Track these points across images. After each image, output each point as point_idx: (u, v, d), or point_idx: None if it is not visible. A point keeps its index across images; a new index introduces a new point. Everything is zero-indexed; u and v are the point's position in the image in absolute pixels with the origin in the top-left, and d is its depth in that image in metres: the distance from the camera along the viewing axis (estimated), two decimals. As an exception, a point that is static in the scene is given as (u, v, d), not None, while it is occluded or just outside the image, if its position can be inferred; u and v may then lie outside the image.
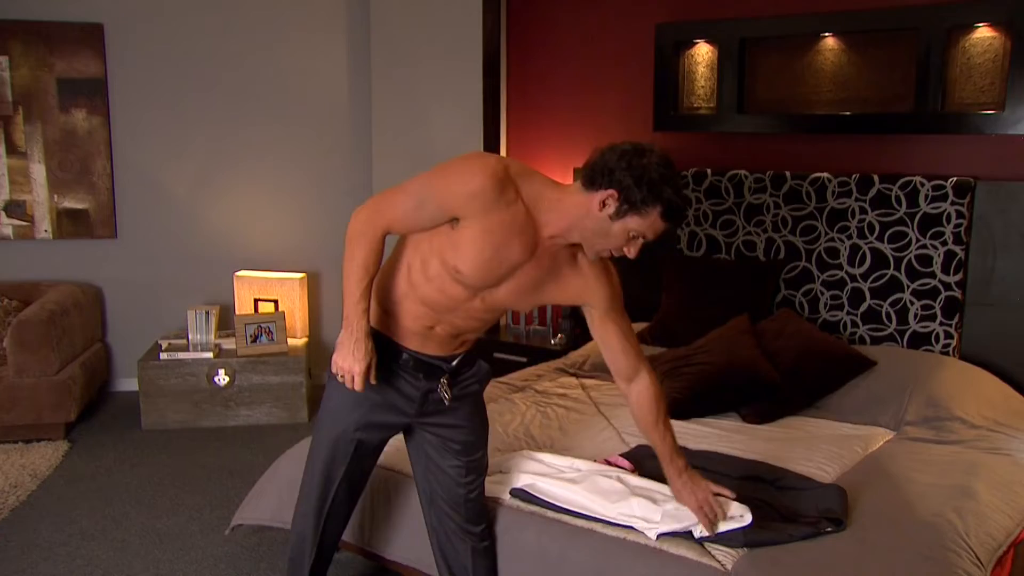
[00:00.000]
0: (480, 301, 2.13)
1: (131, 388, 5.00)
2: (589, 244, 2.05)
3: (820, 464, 2.83)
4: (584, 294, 2.19)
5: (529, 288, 2.12)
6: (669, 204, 1.95)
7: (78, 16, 4.86)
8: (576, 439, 3.06)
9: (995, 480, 2.71)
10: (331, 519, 2.34)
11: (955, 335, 3.54)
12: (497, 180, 1.96)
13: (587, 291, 2.19)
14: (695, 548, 2.25)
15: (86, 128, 4.95)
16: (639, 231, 1.99)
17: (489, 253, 2.01)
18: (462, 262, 2.03)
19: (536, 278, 2.11)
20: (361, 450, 2.27)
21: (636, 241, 2.02)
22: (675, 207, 1.96)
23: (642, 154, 1.96)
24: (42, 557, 3.19)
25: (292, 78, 5.09)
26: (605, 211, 1.97)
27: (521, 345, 4.48)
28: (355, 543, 2.76)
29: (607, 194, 1.96)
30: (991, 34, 3.45)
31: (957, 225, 3.49)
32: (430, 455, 2.33)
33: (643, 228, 1.98)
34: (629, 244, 2.02)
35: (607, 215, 1.98)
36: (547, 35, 4.70)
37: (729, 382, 3.35)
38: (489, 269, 2.04)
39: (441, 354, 2.20)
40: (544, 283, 2.13)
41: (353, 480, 2.32)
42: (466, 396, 2.30)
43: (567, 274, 2.15)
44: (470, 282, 2.07)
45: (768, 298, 3.89)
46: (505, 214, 1.99)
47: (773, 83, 3.98)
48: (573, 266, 2.16)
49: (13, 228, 4.95)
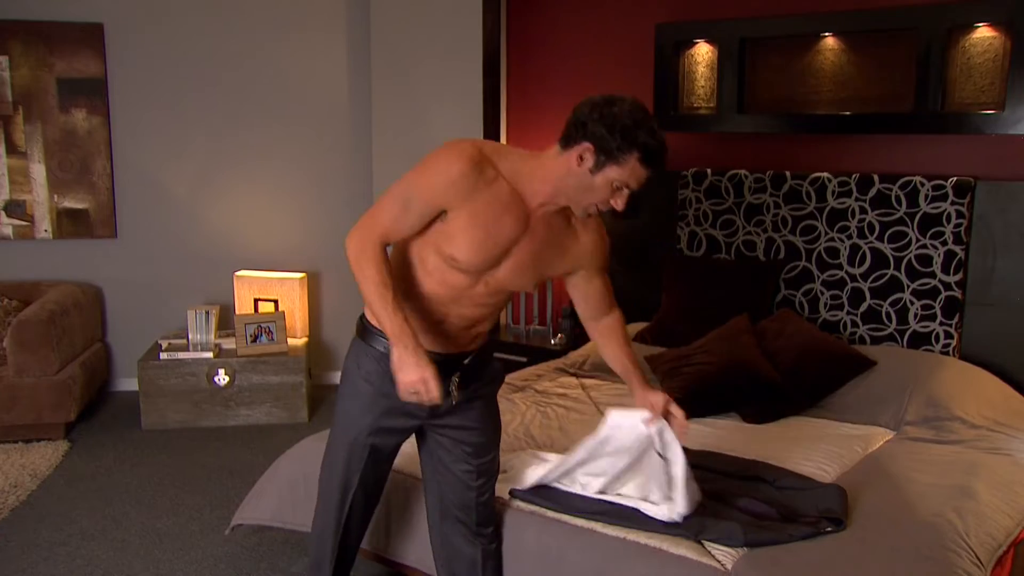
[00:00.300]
0: (483, 286, 2.10)
1: (131, 388, 5.00)
2: (576, 203, 2.04)
3: (820, 464, 2.83)
4: (581, 259, 2.20)
5: (529, 263, 2.10)
6: (645, 148, 1.94)
7: (78, 16, 4.86)
8: (576, 439, 3.05)
9: (995, 480, 2.71)
10: (350, 525, 2.32)
11: (955, 335, 3.54)
12: (473, 162, 1.96)
13: (584, 256, 2.20)
14: (695, 548, 2.25)
15: (86, 128, 4.95)
16: (622, 180, 1.97)
17: (482, 235, 2.00)
18: (457, 250, 2.02)
19: (534, 251, 2.10)
20: (375, 455, 2.25)
21: (621, 192, 2.00)
22: (652, 150, 1.95)
23: (612, 103, 1.96)
24: (42, 557, 3.19)
25: (292, 78, 5.09)
26: (584, 166, 1.97)
27: (521, 345, 4.48)
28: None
29: (583, 148, 1.96)
30: (991, 34, 3.45)
31: (957, 225, 3.49)
32: (441, 458, 2.30)
33: (625, 177, 1.97)
34: (615, 196, 2.01)
35: (587, 170, 1.97)
36: (547, 35, 4.70)
37: (729, 382, 3.35)
38: (485, 251, 2.03)
39: (454, 351, 2.17)
40: (543, 255, 2.12)
41: (369, 485, 2.30)
42: (479, 397, 2.27)
43: (564, 242, 2.15)
44: (469, 267, 2.05)
45: (768, 298, 3.89)
46: (488, 194, 1.99)
47: (773, 83, 3.98)
48: (569, 232, 2.15)
49: (13, 228, 4.95)
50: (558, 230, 2.12)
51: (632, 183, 1.98)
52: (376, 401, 2.18)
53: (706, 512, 2.40)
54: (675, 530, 2.30)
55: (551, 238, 2.11)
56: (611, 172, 1.96)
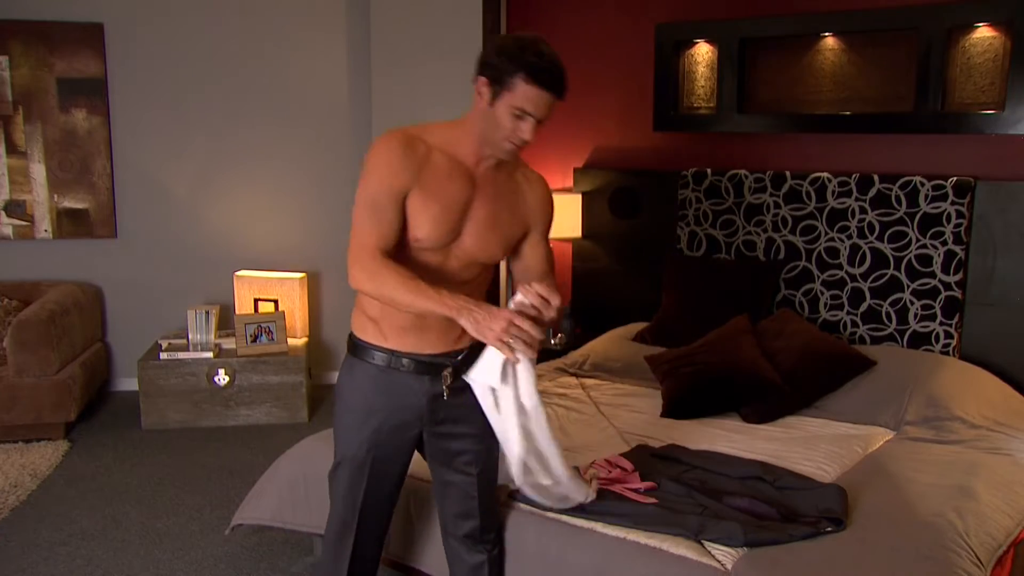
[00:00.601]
0: (455, 260, 2.12)
1: (131, 388, 5.00)
2: (492, 144, 2.05)
3: (820, 464, 2.83)
4: (530, 215, 2.20)
5: (488, 225, 2.12)
6: (531, 66, 1.93)
7: (78, 16, 4.86)
8: (576, 439, 3.06)
9: (995, 480, 2.71)
10: (361, 539, 2.25)
11: (955, 335, 3.54)
12: (404, 142, 2.03)
13: (532, 212, 2.20)
14: (695, 548, 2.25)
15: (86, 128, 4.95)
16: (519, 106, 1.96)
17: (436, 208, 2.04)
18: (418, 229, 2.05)
19: (490, 212, 2.12)
20: (378, 471, 2.20)
21: (524, 120, 1.98)
22: (538, 67, 1.94)
23: (505, 37, 2.01)
24: (42, 557, 3.19)
25: (292, 78, 5.09)
26: (484, 101, 1.99)
27: (521, 345, 4.48)
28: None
29: (479, 83, 1.99)
30: (991, 34, 3.45)
31: (957, 225, 3.49)
32: (441, 468, 2.27)
33: (519, 101, 1.95)
34: (518, 126, 1.99)
35: (487, 104, 1.99)
36: (547, 35, 4.64)
37: (729, 382, 3.35)
38: (444, 221, 2.06)
39: (443, 350, 2.16)
40: (498, 215, 2.13)
41: (377, 500, 2.24)
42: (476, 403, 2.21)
43: (512, 198, 2.17)
44: (434, 243, 2.07)
45: (768, 298, 3.89)
46: (428, 168, 2.04)
47: (773, 83, 3.98)
48: (514, 187, 2.18)
49: (13, 228, 4.95)
50: (505, 186, 2.16)
51: (528, 107, 1.97)
52: (372, 416, 2.16)
53: (706, 512, 2.40)
54: (675, 530, 2.30)
55: (500, 195, 2.14)
56: (506, 99, 1.97)
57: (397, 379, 2.15)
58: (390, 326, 2.13)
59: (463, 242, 2.11)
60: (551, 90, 1.97)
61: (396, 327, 2.13)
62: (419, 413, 2.17)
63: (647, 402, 3.45)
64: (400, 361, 2.13)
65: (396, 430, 2.18)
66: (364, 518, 2.23)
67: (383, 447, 2.19)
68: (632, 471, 2.64)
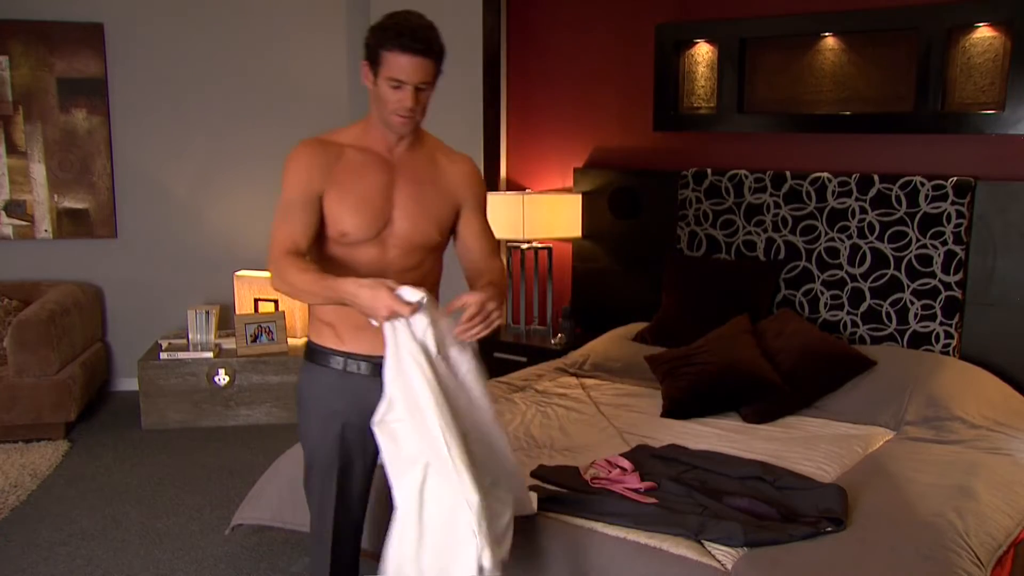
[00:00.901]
0: (393, 249, 2.15)
1: (131, 388, 5.00)
2: (386, 122, 2.10)
3: (820, 464, 2.83)
4: (456, 191, 2.22)
5: (415, 206, 2.14)
6: (392, 35, 1.99)
7: (78, 16, 4.86)
8: (576, 439, 3.06)
9: (995, 480, 2.71)
10: (338, 543, 2.28)
11: (955, 335, 3.54)
12: (311, 147, 2.12)
13: (458, 187, 2.22)
14: (695, 548, 2.25)
15: (86, 128, 4.95)
16: (393, 76, 2.01)
17: (354, 199, 2.10)
18: (342, 223, 2.11)
19: (413, 192, 2.15)
20: (345, 471, 2.23)
21: (401, 89, 2.02)
22: (397, 33, 1.98)
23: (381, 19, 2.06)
24: (42, 557, 3.19)
25: (292, 78, 5.09)
26: (368, 82, 2.07)
27: (521, 345, 4.48)
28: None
29: (362, 68, 2.08)
30: (991, 34, 3.45)
31: (957, 225, 3.49)
32: None
33: (392, 72, 2.00)
34: (398, 96, 2.03)
35: (371, 84, 2.06)
36: (547, 35, 4.69)
37: (729, 382, 3.35)
38: (366, 209, 2.10)
39: None
40: (424, 195, 2.16)
41: (346, 501, 2.26)
42: None
43: (434, 177, 2.19)
44: (362, 232, 2.11)
45: (768, 298, 3.89)
46: (341, 164, 2.11)
47: (773, 83, 3.98)
48: (435, 167, 2.21)
49: (13, 228, 4.95)
50: (425, 167, 2.19)
51: (400, 74, 2.00)
52: (334, 419, 2.18)
53: (706, 512, 2.40)
54: (675, 530, 2.29)
55: (421, 175, 2.18)
56: (383, 74, 2.02)
57: (355, 381, 2.17)
58: (345, 327, 2.16)
59: (394, 227, 2.14)
60: (414, 52, 2.00)
61: (351, 327, 2.15)
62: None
63: (647, 402, 3.45)
64: (358, 364, 2.17)
65: (359, 431, 2.19)
66: (338, 518, 2.26)
67: (348, 449, 2.22)
68: (632, 471, 2.64)
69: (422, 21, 2.03)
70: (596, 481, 2.58)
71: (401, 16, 2.02)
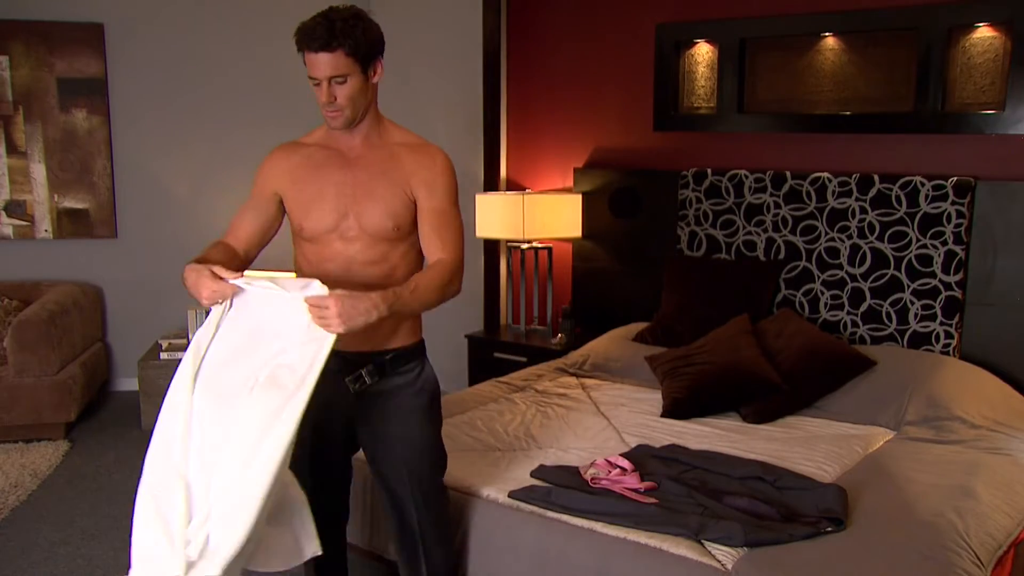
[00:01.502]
0: (355, 241, 2.17)
1: (131, 388, 5.00)
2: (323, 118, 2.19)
3: (820, 464, 2.83)
4: (408, 179, 2.20)
5: (369, 197, 2.17)
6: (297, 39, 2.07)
7: (78, 16, 4.86)
8: (576, 439, 3.06)
9: (995, 480, 2.71)
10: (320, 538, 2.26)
11: (955, 335, 3.54)
12: (280, 149, 2.28)
13: (409, 175, 2.21)
14: (695, 548, 2.25)
15: (86, 128, 4.95)
16: (309, 75, 2.10)
17: (310, 191, 2.18)
18: (303, 217, 2.19)
19: (365, 183, 2.18)
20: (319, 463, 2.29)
21: (318, 87, 2.10)
22: (299, 34, 2.05)
23: None
24: (42, 557, 3.19)
25: (293, 78, 5.07)
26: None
27: (521, 345, 4.48)
28: (362, 546, 2.75)
29: None
30: (991, 34, 3.45)
31: (957, 225, 3.49)
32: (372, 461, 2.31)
33: (309, 72, 2.09)
34: (317, 93, 2.11)
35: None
36: (547, 35, 4.69)
37: (729, 382, 3.36)
38: (321, 204, 2.16)
39: (370, 349, 2.20)
40: (374, 185, 2.18)
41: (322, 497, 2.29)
42: (400, 405, 2.23)
43: (390, 168, 2.20)
44: (319, 226, 2.17)
45: (768, 298, 3.89)
46: (303, 163, 2.22)
47: (773, 83, 3.98)
48: (392, 159, 2.22)
49: (13, 228, 4.95)
50: (381, 160, 2.22)
51: (312, 72, 2.08)
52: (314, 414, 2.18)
53: (706, 512, 2.40)
54: (676, 530, 2.30)
55: (376, 168, 2.21)
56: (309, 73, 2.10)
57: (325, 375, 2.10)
58: None
59: (351, 221, 2.18)
60: (315, 49, 2.05)
61: None
62: (345, 407, 2.23)
63: (647, 402, 3.45)
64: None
65: (327, 423, 2.24)
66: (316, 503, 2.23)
67: (318, 438, 2.26)
68: (632, 471, 2.65)
69: (329, 16, 2.05)
70: (596, 481, 2.58)
71: (316, 15, 2.06)
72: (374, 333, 2.15)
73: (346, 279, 2.16)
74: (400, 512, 2.31)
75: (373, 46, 2.11)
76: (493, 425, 3.16)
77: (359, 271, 2.19)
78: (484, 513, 2.53)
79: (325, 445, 2.30)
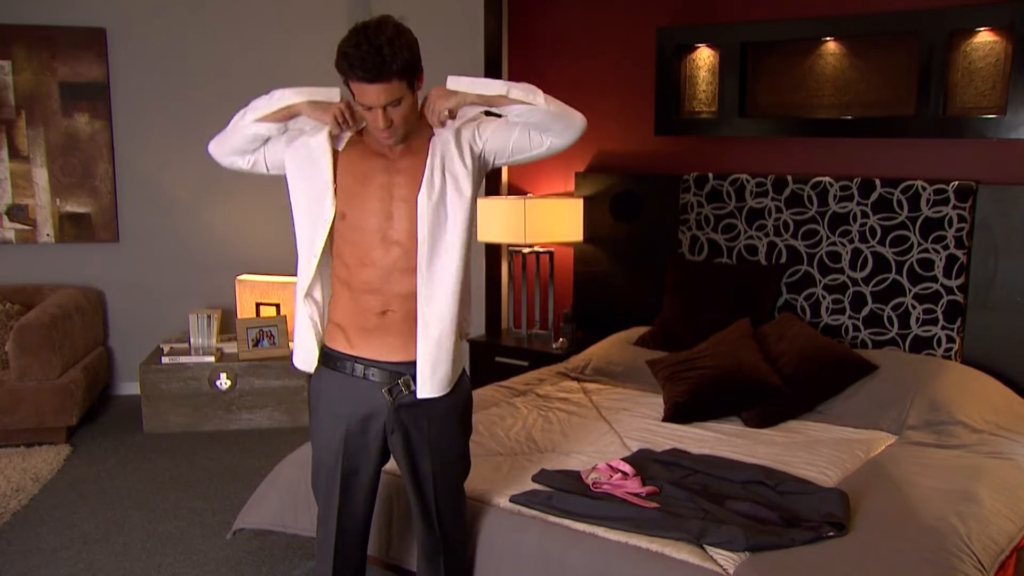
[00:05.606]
0: (396, 245, 2.15)
1: (133, 392, 5.00)
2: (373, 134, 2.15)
3: (822, 468, 2.83)
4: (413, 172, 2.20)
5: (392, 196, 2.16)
6: (344, 68, 2.02)
7: (81, 20, 4.87)
8: (578, 443, 3.06)
9: (997, 484, 2.71)
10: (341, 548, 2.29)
11: (957, 339, 3.53)
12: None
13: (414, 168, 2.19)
14: (697, 552, 2.25)
15: (88, 132, 4.95)
16: (360, 101, 2.06)
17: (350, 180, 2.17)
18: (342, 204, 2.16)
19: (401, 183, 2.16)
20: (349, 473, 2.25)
21: (371, 111, 2.06)
22: (348, 66, 2.00)
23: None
24: (44, 561, 3.19)
25: (294, 81, 5.06)
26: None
27: (523, 349, 4.48)
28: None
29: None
30: (992, 38, 3.45)
31: (959, 229, 3.49)
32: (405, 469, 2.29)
33: (359, 98, 2.05)
34: (371, 117, 2.07)
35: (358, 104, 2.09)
36: (548, 38, 4.70)
37: (731, 386, 3.35)
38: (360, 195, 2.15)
39: (406, 359, 2.19)
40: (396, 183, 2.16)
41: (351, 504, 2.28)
42: (436, 413, 2.24)
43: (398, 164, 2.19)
44: (357, 220, 2.15)
45: (770, 302, 3.89)
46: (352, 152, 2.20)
47: (774, 87, 3.99)
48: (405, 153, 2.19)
49: (15, 232, 4.95)
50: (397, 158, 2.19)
51: (364, 100, 2.04)
52: (340, 422, 2.21)
53: (708, 517, 2.40)
54: (677, 534, 2.30)
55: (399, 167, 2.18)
56: (355, 97, 2.06)
57: (361, 387, 2.19)
58: (355, 330, 2.19)
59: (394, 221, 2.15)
60: (368, 81, 2.01)
61: (360, 329, 2.18)
62: (383, 419, 2.21)
63: (649, 406, 3.45)
64: (365, 369, 2.18)
65: (360, 438, 2.23)
66: (343, 523, 2.28)
67: (352, 455, 2.24)
68: (634, 475, 2.65)
69: (374, 42, 1.98)
70: (597, 485, 2.58)
71: (353, 42, 1.98)
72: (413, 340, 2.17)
73: (383, 287, 2.17)
74: (427, 520, 2.31)
75: (417, 60, 2.09)
76: (495, 429, 3.16)
77: (397, 280, 2.16)
78: (485, 517, 2.53)
79: (359, 460, 2.25)
